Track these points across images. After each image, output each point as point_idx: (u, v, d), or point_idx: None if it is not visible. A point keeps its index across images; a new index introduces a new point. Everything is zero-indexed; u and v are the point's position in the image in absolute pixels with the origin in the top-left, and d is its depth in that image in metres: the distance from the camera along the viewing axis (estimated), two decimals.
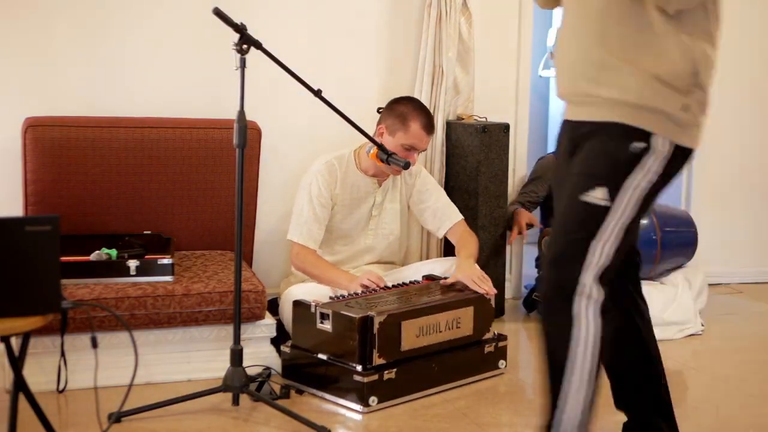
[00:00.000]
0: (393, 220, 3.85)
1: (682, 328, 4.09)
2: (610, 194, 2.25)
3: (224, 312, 3.34)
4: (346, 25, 4.27)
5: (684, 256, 4.32)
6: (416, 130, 3.62)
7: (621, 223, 2.27)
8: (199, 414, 3.04)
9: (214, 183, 3.86)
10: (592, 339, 2.28)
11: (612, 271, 2.29)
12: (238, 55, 2.95)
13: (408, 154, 3.61)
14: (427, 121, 3.66)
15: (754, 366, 3.80)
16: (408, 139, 3.62)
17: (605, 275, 2.28)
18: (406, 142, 3.62)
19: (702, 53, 2.25)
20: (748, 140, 5.16)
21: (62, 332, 2.63)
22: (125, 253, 3.37)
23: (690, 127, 2.29)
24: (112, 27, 3.89)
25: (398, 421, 3.05)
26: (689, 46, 2.22)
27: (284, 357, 3.35)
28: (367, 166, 3.72)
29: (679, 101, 2.24)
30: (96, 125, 3.71)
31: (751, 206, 5.20)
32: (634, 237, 2.42)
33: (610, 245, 2.26)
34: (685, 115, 2.25)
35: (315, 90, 3.11)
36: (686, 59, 2.22)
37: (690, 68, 2.23)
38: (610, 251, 2.27)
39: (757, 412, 3.27)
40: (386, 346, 3.13)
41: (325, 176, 3.68)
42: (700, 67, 2.24)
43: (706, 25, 2.25)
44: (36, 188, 3.62)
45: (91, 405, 2.73)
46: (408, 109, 3.65)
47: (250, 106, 3.08)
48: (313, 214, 3.65)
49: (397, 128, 3.63)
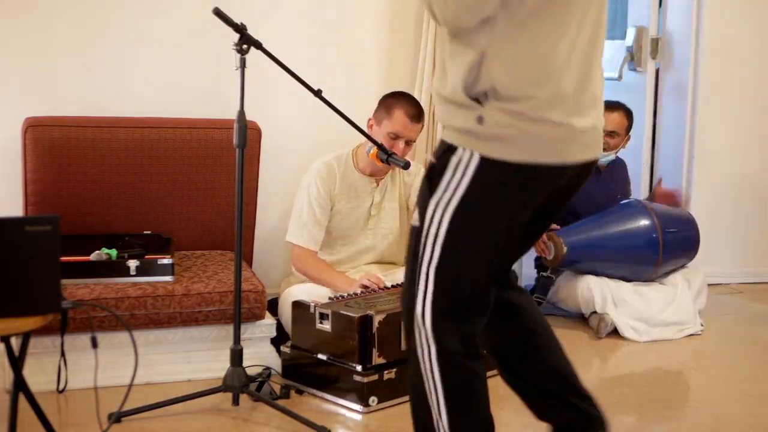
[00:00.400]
0: (392, 219, 3.85)
1: (681, 329, 4.09)
2: (420, 214, 2.14)
3: (224, 312, 3.34)
4: (346, 25, 4.27)
5: (686, 256, 4.32)
6: (399, 117, 3.61)
7: (439, 245, 2.10)
8: (199, 414, 3.04)
9: (214, 183, 3.86)
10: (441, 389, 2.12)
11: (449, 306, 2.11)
12: (238, 55, 2.95)
13: (394, 144, 3.59)
14: (412, 108, 3.65)
15: (754, 366, 3.80)
16: (392, 127, 3.61)
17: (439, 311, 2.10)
18: (391, 130, 3.61)
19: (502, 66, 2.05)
20: (748, 140, 5.16)
21: (62, 332, 2.63)
22: (125, 253, 3.37)
23: (505, 140, 2.06)
24: (112, 27, 3.89)
25: (398, 421, 3.05)
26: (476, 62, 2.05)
27: (284, 357, 3.35)
28: (365, 165, 3.72)
29: (470, 115, 2.07)
30: (96, 125, 3.71)
31: (751, 206, 5.20)
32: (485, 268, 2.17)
33: (432, 272, 2.10)
34: (482, 127, 2.06)
35: (315, 90, 3.11)
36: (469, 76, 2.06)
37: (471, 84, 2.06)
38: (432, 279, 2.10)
39: (757, 412, 3.27)
40: (386, 346, 3.13)
41: (323, 177, 3.68)
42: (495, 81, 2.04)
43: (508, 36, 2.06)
44: (36, 188, 3.62)
45: (91, 405, 2.73)
46: (395, 99, 3.66)
47: (250, 106, 3.08)
48: (312, 216, 3.65)
49: (383, 117, 3.64)
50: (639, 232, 4.14)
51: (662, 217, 4.19)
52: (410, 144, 3.70)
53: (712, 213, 5.03)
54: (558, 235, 4.12)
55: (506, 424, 3.17)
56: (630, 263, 4.15)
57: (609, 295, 4.06)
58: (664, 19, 5.11)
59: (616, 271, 4.14)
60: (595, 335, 4.05)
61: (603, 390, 3.45)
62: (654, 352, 3.90)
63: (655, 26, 5.07)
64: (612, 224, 4.18)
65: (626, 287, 4.11)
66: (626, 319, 4.03)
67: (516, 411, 3.23)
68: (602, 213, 4.24)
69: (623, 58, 5.09)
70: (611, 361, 3.85)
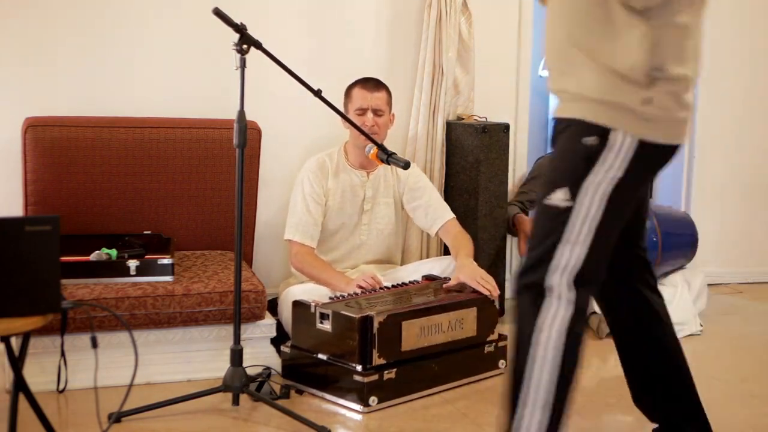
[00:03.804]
0: (386, 215, 3.86)
1: (680, 329, 4.08)
2: (571, 194, 2.18)
3: (224, 312, 3.34)
4: (345, 25, 4.27)
5: (684, 257, 4.32)
6: (356, 92, 3.75)
7: (589, 224, 2.18)
8: (199, 414, 3.04)
9: (214, 183, 3.86)
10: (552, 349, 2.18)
11: (591, 275, 2.21)
12: (238, 55, 2.95)
13: (364, 119, 3.68)
14: (366, 81, 3.77)
15: (754, 366, 3.80)
16: (354, 103, 3.74)
17: (581, 280, 2.20)
18: (355, 106, 3.73)
19: (671, 45, 2.15)
20: (748, 140, 5.16)
21: (62, 332, 2.63)
22: (125, 253, 3.37)
23: (659, 122, 2.18)
24: (112, 27, 3.89)
25: (398, 421, 3.05)
26: (654, 38, 2.12)
27: (284, 357, 3.35)
28: (355, 158, 3.79)
29: (638, 94, 2.14)
30: (96, 125, 3.71)
31: (750, 206, 5.20)
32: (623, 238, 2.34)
33: (579, 248, 2.19)
34: (648, 108, 2.15)
35: (315, 90, 3.11)
36: (647, 52, 2.12)
37: (651, 61, 2.13)
38: (580, 254, 2.19)
39: (757, 412, 3.27)
40: (386, 346, 3.13)
41: (316, 172, 3.73)
42: (666, 60, 2.14)
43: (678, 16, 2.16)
44: (36, 188, 3.62)
45: (91, 405, 2.73)
46: (352, 83, 3.80)
47: (250, 106, 3.08)
48: (307, 212, 3.68)
49: (347, 102, 3.78)
50: None
51: (661, 218, 4.19)
52: (380, 114, 3.73)
53: (711, 213, 5.03)
54: None
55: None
56: None
57: None
58: None
59: None
60: (595, 335, 4.05)
61: (603, 390, 3.45)
62: None
63: None
64: None
65: None
66: None
67: None
68: None
69: None
70: (611, 361, 3.85)
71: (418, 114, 4.27)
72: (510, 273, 4.63)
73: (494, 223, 4.20)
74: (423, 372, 3.25)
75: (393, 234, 3.91)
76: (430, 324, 3.26)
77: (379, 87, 3.76)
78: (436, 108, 4.27)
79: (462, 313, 3.36)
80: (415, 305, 3.28)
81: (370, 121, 3.68)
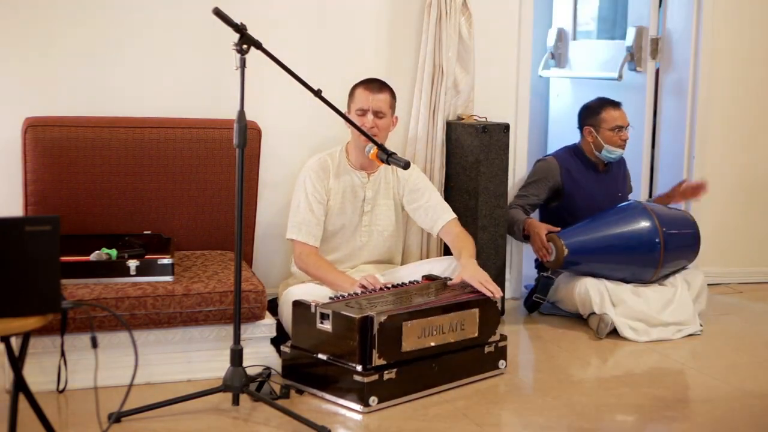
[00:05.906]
0: (387, 216, 3.86)
1: (680, 329, 4.09)
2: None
3: (224, 312, 3.34)
4: (345, 25, 4.26)
5: (686, 258, 4.31)
6: (358, 93, 3.75)
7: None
8: (199, 414, 3.04)
9: (214, 183, 3.86)
10: None
11: None
12: (238, 55, 2.95)
13: (363, 120, 3.67)
14: (369, 82, 3.77)
15: (754, 366, 3.80)
16: (356, 103, 3.74)
17: None
18: (356, 106, 3.73)
19: None
20: (748, 140, 5.16)
21: (62, 332, 2.63)
22: (125, 253, 3.37)
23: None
24: (112, 27, 3.89)
25: (398, 421, 3.05)
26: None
27: (284, 357, 3.35)
28: (356, 159, 3.78)
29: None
30: (96, 125, 3.71)
31: (750, 206, 5.20)
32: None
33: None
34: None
35: (315, 90, 3.11)
36: None
37: None
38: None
39: (757, 412, 3.27)
40: (386, 347, 3.13)
41: (317, 172, 3.73)
42: None
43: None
44: (36, 188, 3.62)
45: (91, 405, 2.74)
46: (355, 84, 3.80)
47: (250, 106, 3.08)
48: (309, 211, 3.68)
49: (349, 102, 3.78)
50: (640, 234, 4.13)
51: (663, 218, 4.18)
52: (381, 116, 3.72)
53: (712, 213, 5.03)
54: (559, 237, 4.11)
55: (506, 424, 3.18)
56: (631, 265, 4.14)
57: (606, 296, 4.06)
58: (664, 19, 5.11)
59: (616, 273, 4.14)
60: (595, 335, 4.05)
61: (603, 390, 3.45)
62: (654, 352, 3.90)
63: (655, 26, 5.06)
64: (613, 226, 4.18)
65: (625, 288, 4.10)
66: (625, 319, 4.03)
67: (516, 411, 3.24)
68: (603, 214, 4.24)
69: (623, 58, 5.08)
70: (611, 361, 3.85)
71: (418, 114, 4.26)
72: (510, 273, 4.63)
73: (494, 223, 4.20)
74: (423, 372, 3.25)
75: (393, 235, 3.91)
76: (431, 325, 3.25)
77: (383, 89, 3.76)
78: (436, 108, 4.27)
79: (463, 315, 3.36)
80: (416, 305, 3.27)
81: (370, 123, 3.67)
